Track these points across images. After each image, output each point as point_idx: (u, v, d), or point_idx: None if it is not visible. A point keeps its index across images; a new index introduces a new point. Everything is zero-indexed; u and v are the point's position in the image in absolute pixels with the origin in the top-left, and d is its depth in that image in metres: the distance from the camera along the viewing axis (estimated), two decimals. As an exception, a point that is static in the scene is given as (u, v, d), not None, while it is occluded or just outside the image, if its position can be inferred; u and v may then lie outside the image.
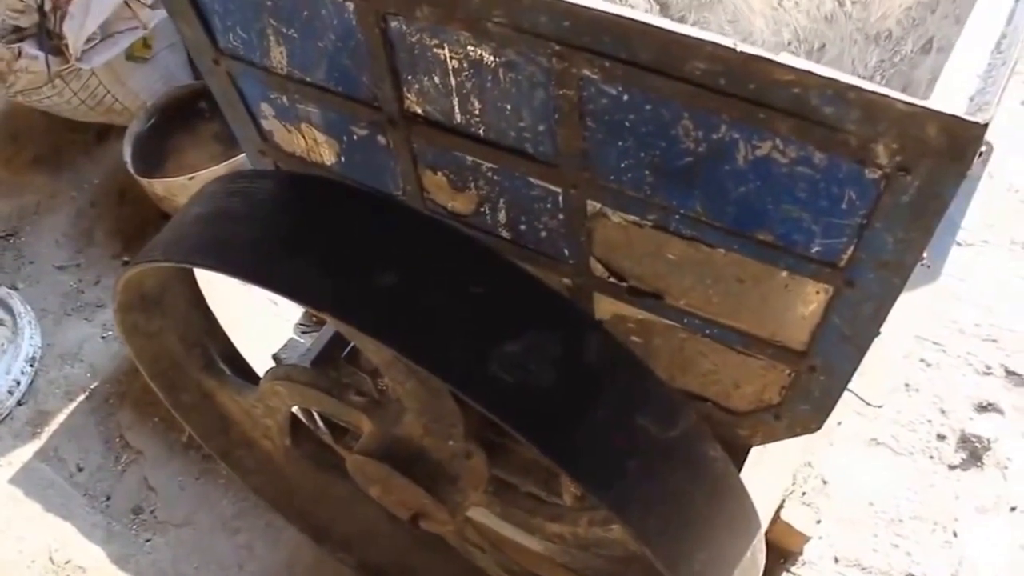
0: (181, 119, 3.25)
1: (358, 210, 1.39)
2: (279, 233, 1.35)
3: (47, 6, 3.02)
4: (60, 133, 3.59)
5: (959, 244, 2.69)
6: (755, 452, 1.74)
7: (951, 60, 1.10)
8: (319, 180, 1.55)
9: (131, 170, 3.08)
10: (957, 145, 1.01)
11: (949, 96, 1.03)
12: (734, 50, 1.05)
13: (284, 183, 1.52)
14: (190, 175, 2.96)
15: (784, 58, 1.03)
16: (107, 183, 3.46)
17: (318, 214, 1.37)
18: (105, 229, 3.33)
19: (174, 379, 1.96)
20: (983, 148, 1.03)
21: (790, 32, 1.97)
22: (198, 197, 1.52)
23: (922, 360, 2.62)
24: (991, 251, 2.79)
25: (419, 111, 1.46)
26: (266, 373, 1.81)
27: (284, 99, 1.64)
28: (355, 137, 1.60)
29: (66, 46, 3.08)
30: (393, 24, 1.34)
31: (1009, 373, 2.58)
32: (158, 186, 3.03)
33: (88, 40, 3.10)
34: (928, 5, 1.77)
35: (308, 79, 1.55)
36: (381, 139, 1.55)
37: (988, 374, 2.58)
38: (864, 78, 1.94)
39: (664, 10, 2.08)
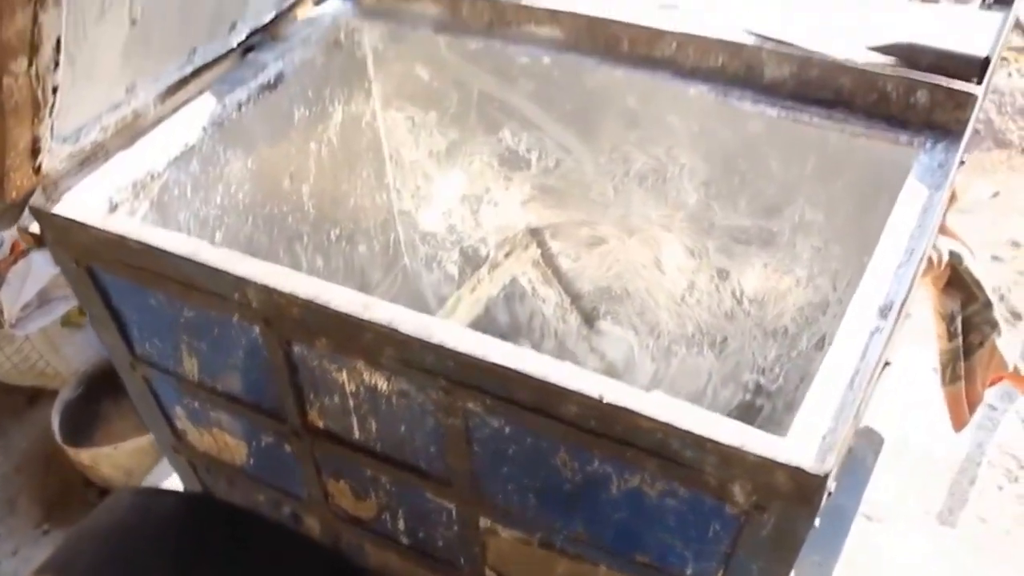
0: (110, 387, 3.28)
1: (255, 537, 1.45)
2: (173, 555, 1.41)
3: (-14, 272, 3.13)
4: (-9, 394, 3.64)
5: (869, 518, 2.75)
6: None
7: (806, 399, 1.21)
8: (216, 504, 1.62)
9: (58, 439, 3.12)
10: (804, 492, 1.11)
11: (800, 441, 1.14)
12: (600, 400, 1.16)
13: (182, 504, 1.59)
14: (115, 445, 3.01)
15: (648, 407, 1.14)
16: (34, 449, 3.48)
17: (213, 538, 1.44)
18: (29, 496, 3.33)
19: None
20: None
21: (694, 326, 2.12)
22: (100, 512, 1.59)
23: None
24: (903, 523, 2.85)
25: (321, 425, 1.55)
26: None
27: (196, 404, 1.73)
28: (263, 443, 1.68)
29: (1, 312, 3.17)
30: (296, 348, 1.45)
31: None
32: (84, 455, 3.07)
33: (24, 307, 3.19)
34: (819, 306, 1.92)
35: (218, 388, 1.65)
36: (287, 447, 1.64)
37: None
38: (765, 370, 2.09)
39: (576, 301, 2.23)
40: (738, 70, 1.72)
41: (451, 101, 2.10)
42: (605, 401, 1.15)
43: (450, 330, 1.26)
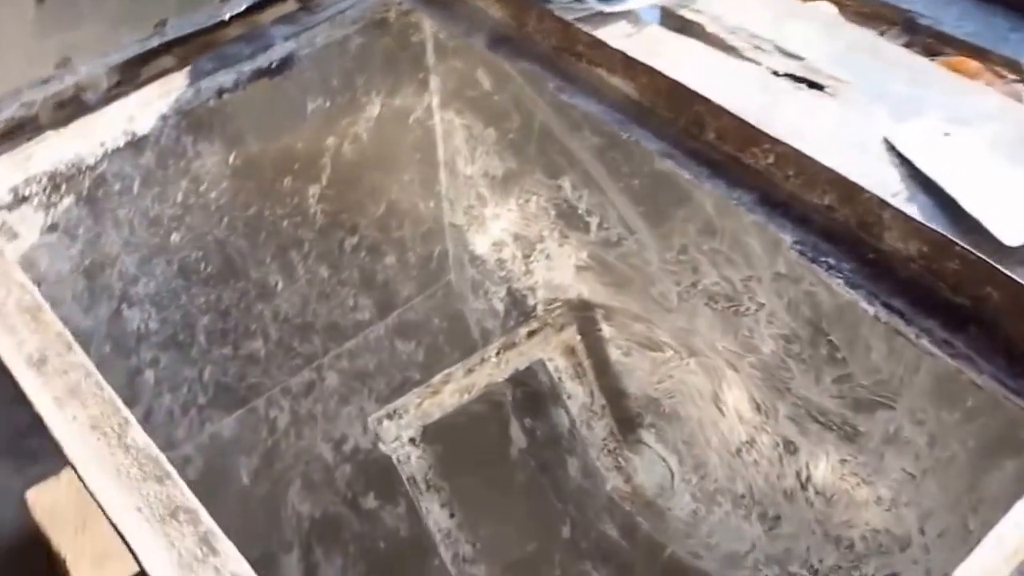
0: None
1: None
2: None
3: None
4: None
5: None
6: None
7: None
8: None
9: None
10: None
11: None
12: None
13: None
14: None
15: None
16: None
17: None
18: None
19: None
20: None
21: (744, 486, 1.60)
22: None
23: None
24: None
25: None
26: None
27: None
28: None
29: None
30: None
31: None
32: None
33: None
34: (898, 540, 1.40)
35: None
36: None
37: None
38: (819, 572, 1.57)
39: (614, 402, 1.74)
40: (846, 221, 1.16)
41: (512, 123, 1.61)
42: None
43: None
